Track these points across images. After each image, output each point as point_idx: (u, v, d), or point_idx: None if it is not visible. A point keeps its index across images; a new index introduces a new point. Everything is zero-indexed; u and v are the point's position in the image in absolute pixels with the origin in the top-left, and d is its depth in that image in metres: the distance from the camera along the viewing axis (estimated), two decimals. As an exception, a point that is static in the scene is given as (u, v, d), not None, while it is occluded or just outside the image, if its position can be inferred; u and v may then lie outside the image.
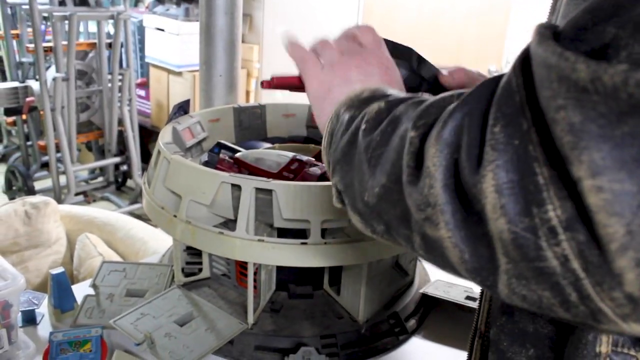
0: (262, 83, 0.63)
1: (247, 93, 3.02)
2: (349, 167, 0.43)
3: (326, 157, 0.48)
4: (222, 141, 0.90)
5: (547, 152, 0.26)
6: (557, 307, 0.28)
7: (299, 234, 0.71)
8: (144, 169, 3.05)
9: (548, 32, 0.28)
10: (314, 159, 0.84)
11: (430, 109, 0.36)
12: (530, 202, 0.27)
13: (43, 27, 2.83)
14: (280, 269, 0.82)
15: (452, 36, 2.97)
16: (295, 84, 0.60)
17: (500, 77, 0.32)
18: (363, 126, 0.42)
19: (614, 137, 0.24)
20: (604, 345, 0.37)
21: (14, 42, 3.11)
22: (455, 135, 0.32)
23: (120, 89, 2.90)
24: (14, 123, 3.18)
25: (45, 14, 2.62)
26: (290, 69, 0.92)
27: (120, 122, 2.96)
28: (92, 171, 3.26)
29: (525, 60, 0.29)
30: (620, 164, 0.23)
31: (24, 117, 3.03)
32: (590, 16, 0.27)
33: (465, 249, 0.31)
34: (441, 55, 0.92)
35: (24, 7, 2.97)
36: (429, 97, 0.43)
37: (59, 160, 2.84)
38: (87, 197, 3.12)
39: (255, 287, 0.76)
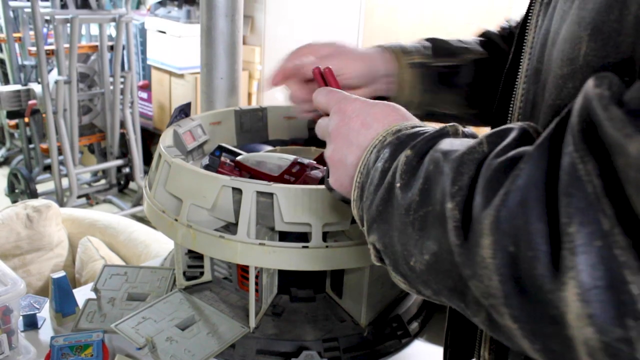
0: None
1: (249, 95, 3.02)
2: (388, 226, 0.41)
3: (357, 212, 0.46)
4: (223, 144, 0.89)
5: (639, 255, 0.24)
6: None
7: (301, 237, 0.70)
8: (146, 172, 3.05)
9: (611, 99, 0.26)
10: (315, 162, 0.84)
11: (462, 167, 0.34)
12: (623, 314, 0.25)
13: (45, 30, 2.84)
14: (281, 273, 0.82)
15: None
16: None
17: (547, 144, 0.29)
18: (398, 183, 0.40)
19: None
20: None
21: (17, 45, 3.11)
22: (512, 225, 0.29)
23: (122, 92, 2.90)
24: (16, 126, 3.18)
25: (48, 17, 2.62)
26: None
27: (123, 125, 2.97)
28: (95, 174, 3.26)
29: (586, 132, 0.27)
30: None
31: (26, 120, 3.04)
32: None
33: (537, 341, 0.29)
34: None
35: (26, 10, 2.97)
36: (459, 132, 0.43)
37: (61, 163, 2.85)
38: (90, 200, 3.13)
39: (256, 290, 0.76)
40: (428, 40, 0.76)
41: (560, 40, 0.39)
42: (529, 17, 0.47)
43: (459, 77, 0.75)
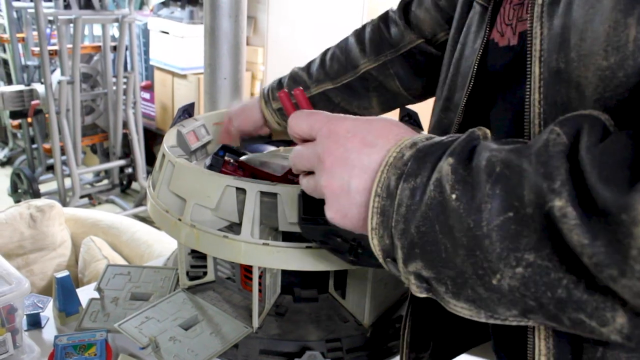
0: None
1: (252, 95, 3.02)
2: (439, 249, 0.36)
3: (381, 241, 0.40)
4: (227, 144, 0.89)
5: None
6: None
7: (304, 237, 0.70)
8: (148, 172, 3.05)
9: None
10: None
11: (552, 161, 0.31)
12: None
13: (48, 30, 2.84)
14: (285, 273, 0.82)
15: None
16: None
17: None
18: (453, 195, 0.35)
19: None
20: None
21: (20, 46, 3.12)
22: None
23: (125, 92, 2.91)
24: (19, 126, 3.19)
25: (51, 18, 2.63)
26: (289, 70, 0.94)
27: (125, 125, 2.97)
28: (97, 174, 3.27)
29: None
30: None
31: (29, 120, 3.04)
32: None
33: None
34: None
35: (29, 10, 2.99)
36: (488, 137, 0.39)
37: (64, 163, 2.85)
38: (92, 200, 3.13)
39: (260, 290, 0.76)
40: (293, 72, 0.88)
41: (596, 32, 0.38)
42: (531, 23, 0.47)
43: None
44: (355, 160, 0.41)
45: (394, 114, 0.99)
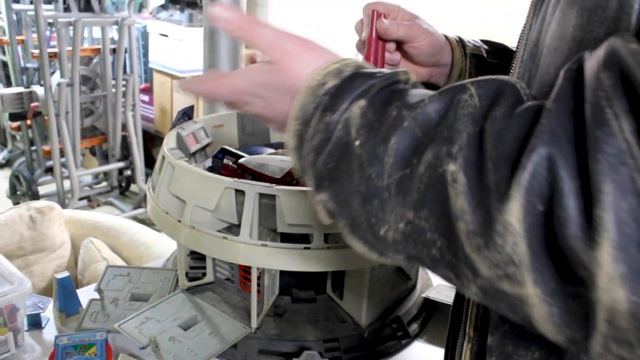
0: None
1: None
2: (343, 187, 0.37)
3: (298, 163, 0.41)
4: (226, 147, 0.90)
5: None
6: None
7: (302, 238, 0.71)
8: (147, 174, 3.06)
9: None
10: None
11: (457, 123, 0.32)
12: None
13: (48, 32, 2.85)
14: (283, 274, 0.83)
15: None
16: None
17: (568, 96, 0.28)
18: (356, 140, 0.35)
19: None
20: None
21: (19, 48, 3.13)
22: (540, 183, 0.27)
23: (124, 94, 2.91)
24: (18, 128, 3.19)
25: (50, 20, 2.63)
26: None
27: (124, 127, 2.98)
28: (96, 176, 3.27)
29: (615, 82, 0.26)
30: None
31: (28, 122, 3.05)
32: None
33: (554, 305, 0.28)
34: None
35: (29, 13, 2.99)
36: (409, 82, 0.38)
37: (63, 165, 2.85)
38: (91, 202, 3.13)
39: (258, 291, 0.77)
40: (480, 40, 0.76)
41: (553, 21, 0.40)
42: (521, 33, 0.48)
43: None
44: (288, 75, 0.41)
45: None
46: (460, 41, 0.74)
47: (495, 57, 0.75)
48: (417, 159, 0.33)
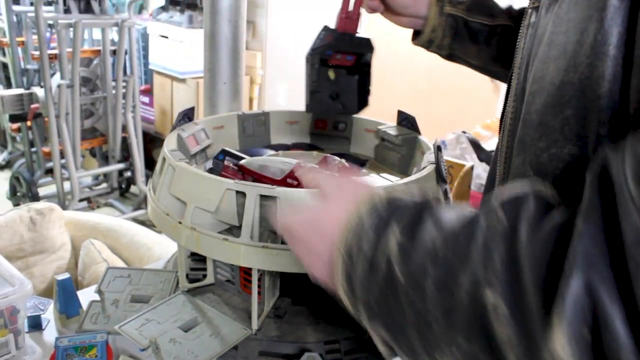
0: None
1: (251, 100, 3.03)
2: (396, 321, 0.38)
3: (348, 297, 0.44)
4: (227, 148, 0.90)
5: None
6: None
7: (303, 240, 0.71)
8: (147, 175, 3.06)
9: None
10: (317, 166, 0.85)
11: (488, 248, 0.32)
12: None
13: (48, 34, 2.85)
14: (284, 275, 0.83)
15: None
16: None
17: (598, 215, 0.27)
18: (401, 275, 0.36)
19: None
20: None
21: (20, 49, 3.13)
22: (582, 310, 0.27)
23: (124, 96, 2.91)
24: (18, 129, 3.20)
25: (51, 22, 2.64)
26: (288, 76, 0.94)
27: (124, 129, 2.98)
28: (96, 177, 3.27)
29: None
30: None
31: (28, 123, 3.05)
32: None
33: None
34: (445, 65, 0.93)
35: (29, 14, 3.00)
36: (439, 203, 0.40)
37: (63, 166, 2.86)
38: (91, 203, 3.13)
39: (259, 293, 0.77)
40: None
41: (536, 60, 0.42)
42: (518, 40, 0.49)
43: (489, 37, 0.76)
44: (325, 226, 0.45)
45: (392, 118, 1.00)
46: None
47: (480, 17, 0.76)
48: (456, 288, 0.33)
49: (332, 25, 0.91)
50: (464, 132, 2.12)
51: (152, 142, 3.33)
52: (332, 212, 0.45)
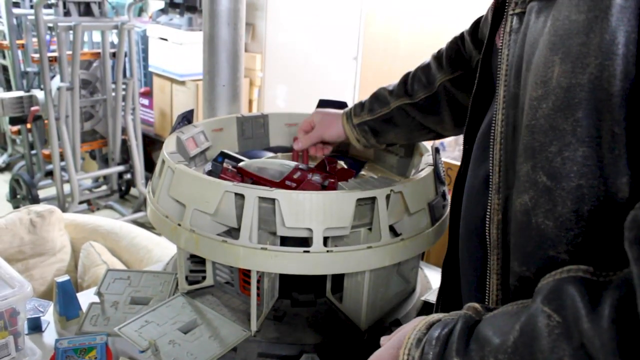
0: None
1: (250, 102, 3.03)
2: None
3: None
4: (226, 150, 0.91)
5: None
6: None
7: (302, 242, 0.72)
8: (147, 178, 3.06)
9: None
10: (316, 168, 0.85)
11: (554, 351, 0.33)
12: None
13: (48, 37, 2.85)
14: (283, 277, 0.83)
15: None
16: None
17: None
18: None
19: None
20: None
21: (20, 52, 3.13)
22: None
23: (124, 98, 2.92)
24: (18, 132, 3.20)
25: (50, 24, 2.64)
26: (288, 78, 0.97)
27: (124, 131, 2.98)
28: (96, 180, 3.27)
29: None
30: None
31: (28, 126, 3.05)
32: None
33: None
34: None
35: (29, 17, 3.00)
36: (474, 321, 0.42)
37: (63, 168, 2.86)
38: (91, 206, 3.14)
39: (258, 295, 0.77)
40: (378, 91, 0.91)
41: (533, 65, 0.42)
42: (500, 48, 0.49)
43: (395, 118, 0.88)
44: None
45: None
46: (350, 115, 0.91)
47: (379, 110, 0.89)
48: None
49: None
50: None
51: (151, 144, 3.33)
52: None
